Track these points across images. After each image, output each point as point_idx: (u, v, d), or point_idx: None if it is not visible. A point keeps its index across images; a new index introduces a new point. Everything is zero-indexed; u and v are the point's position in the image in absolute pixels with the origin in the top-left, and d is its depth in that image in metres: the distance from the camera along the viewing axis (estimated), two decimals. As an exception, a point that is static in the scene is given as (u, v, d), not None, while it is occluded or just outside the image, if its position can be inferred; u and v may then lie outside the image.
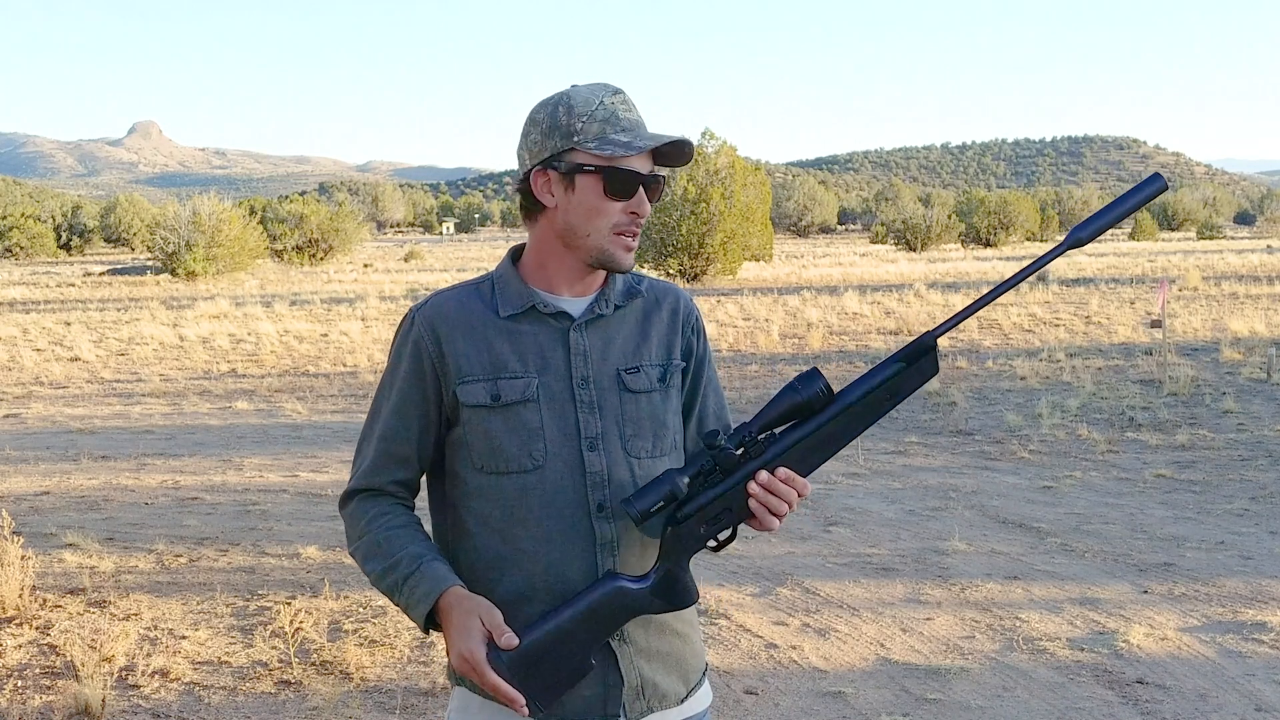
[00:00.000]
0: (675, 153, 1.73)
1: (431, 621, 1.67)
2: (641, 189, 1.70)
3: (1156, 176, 1.60)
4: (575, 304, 1.75)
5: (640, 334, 1.78)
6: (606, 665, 1.70)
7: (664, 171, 1.74)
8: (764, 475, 1.62)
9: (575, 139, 1.68)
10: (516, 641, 1.60)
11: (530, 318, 1.74)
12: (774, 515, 1.63)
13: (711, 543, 1.69)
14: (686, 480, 1.63)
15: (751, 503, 1.63)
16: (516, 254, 1.80)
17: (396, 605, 1.71)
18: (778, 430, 1.66)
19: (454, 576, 1.68)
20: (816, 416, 1.64)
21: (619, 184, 1.68)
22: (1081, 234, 1.58)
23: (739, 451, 1.64)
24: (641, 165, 1.70)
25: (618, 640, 1.71)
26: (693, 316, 1.84)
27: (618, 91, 1.72)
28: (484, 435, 1.71)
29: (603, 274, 1.78)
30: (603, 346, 1.74)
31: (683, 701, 1.78)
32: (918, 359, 1.62)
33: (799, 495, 1.63)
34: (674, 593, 1.67)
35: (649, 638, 1.73)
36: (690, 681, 1.80)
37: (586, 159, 1.68)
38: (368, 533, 1.74)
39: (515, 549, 1.70)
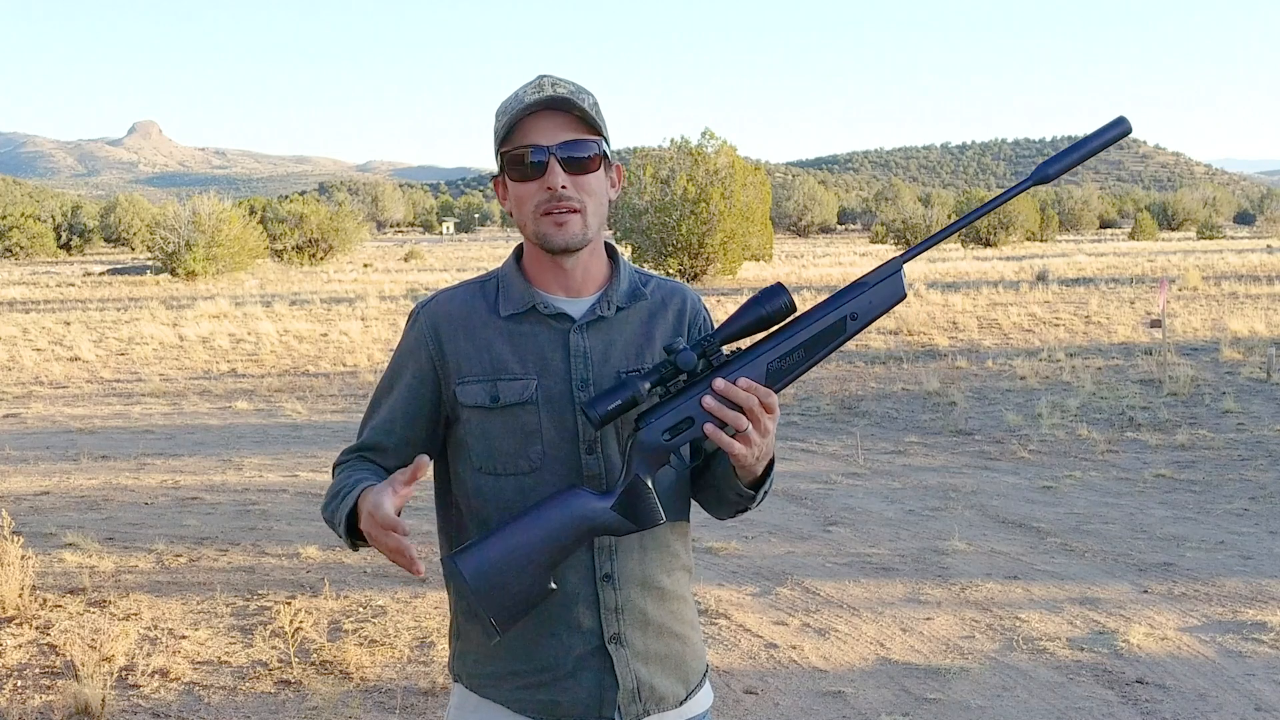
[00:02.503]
0: (581, 120, 1.66)
1: (356, 532, 1.63)
2: (556, 162, 1.64)
3: (1121, 119, 1.61)
4: (576, 305, 1.73)
5: (644, 336, 1.75)
6: (602, 667, 1.69)
7: (581, 150, 1.66)
8: (719, 382, 1.56)
9: (496, 139, 1.70)
10: (427, 460, 1.54)
11: (531, 318, 1.72)
12: (736, 432, 1.55)
13: (676, 460, 1.63)
14: (647, 386, 1.58)
15: (709, 417, 1.56)
16: (521, 253, 1.79)
17: (337, 533, 1.68)
18: (742, 346, 1.63)
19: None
20: (780, 332, 1.61)
21: (514, 165, 1.67)
22: (1048, 170, 1.58)
23: (699, 361, 1.59)
24: (545, 138, 1.64)
25: (614, 643, 1.69)
26: (699, 316, 1.82)
27: (540, 76, 1.68)
28: (482, 436, 1.70)
29: (600, 274, 1.76)
30: (604, 349, 1.72)
31: (682, 704, 1.76)
32: (882, 281, 1.61)
33: (764, 408, 1.55)
34: (638, 509, 1.59)
35: (646, 640, 1.72)
36: (690, 684, 1.78)
37: (502, 151, 1.69)
38: (332, 482, 1.75)
39: None
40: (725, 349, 1.62)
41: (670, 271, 28.86)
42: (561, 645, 1.68)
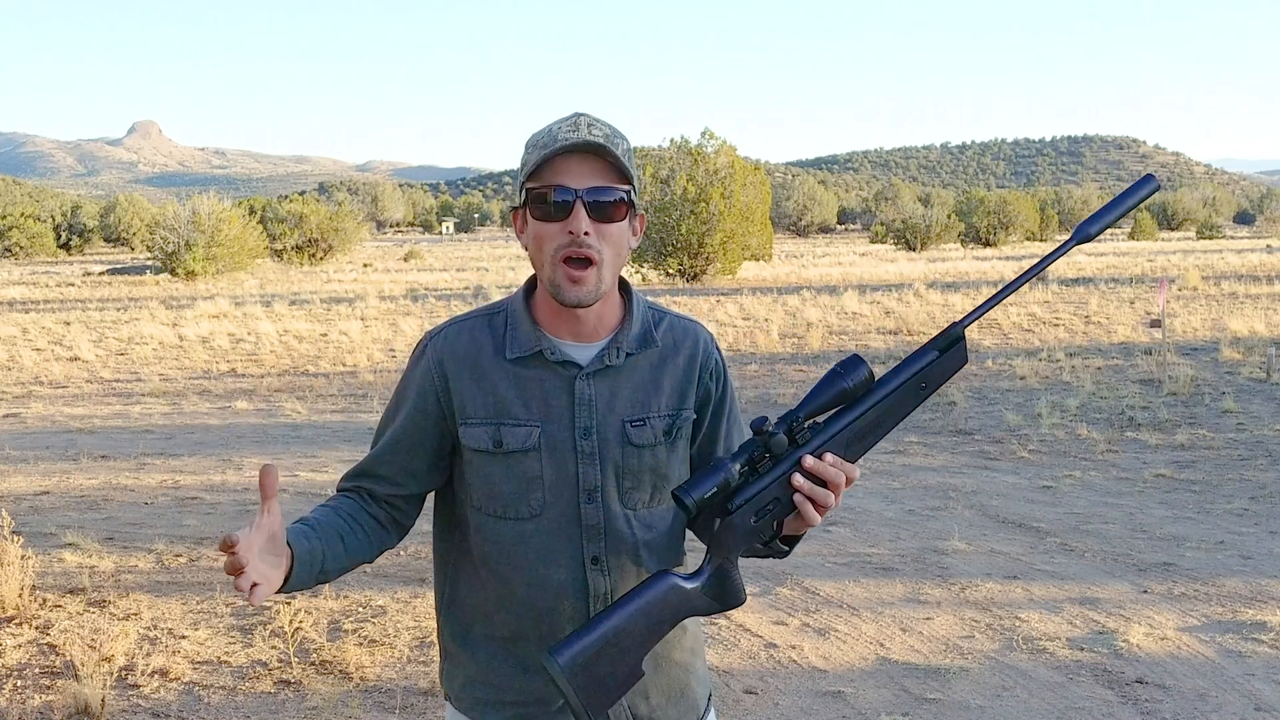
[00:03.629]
0: (613, 166, 1.62)
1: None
2: (582, 206, 1.59)
3: (1150, 177, 1.65)
4: (585, 351, 1.69)
5: (652, 383, 1.72)
6: None
7: (609, 196, 1.62)
8: (809, 460, 1.54)
9: (522, 171, 1.64)
10: (274, 470, 1.48)
11: (537, 362, 1.68)
12: (819, 507, 1.55)
13: (758, 542, 1.62)
14: (738, 468, 1.55)
15: (796, 496, 1.55)
16: (531, 287, 1.74)
17: None
18: (821, 419, 1.62)
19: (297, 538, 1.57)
20: (859, 404, 1.61)
21: (539, 203, 1.61)
22: (1089, 229, 1.60)
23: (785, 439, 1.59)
24: (574, 181, 1.60)
25: None
26: (712, 360, 1.77)
27: (576, 115, 1.63)
28: (484, 479, 1.68)
29: (612, 318, 1.71)
30: (609, 397, 1.68)
31: None
32: (949, 348, 1.64)
33: (847, 481, 1.56)
34: (726, 591, 1.60)
35: (647, 673, 1.67)
36: (698, 709, 1.77)
37: (527, 186, 1.63)
38: None
39: (510, 591, 1.68)
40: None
41: (670, 271, 28.87)
42: (550, 681, 1.65)
